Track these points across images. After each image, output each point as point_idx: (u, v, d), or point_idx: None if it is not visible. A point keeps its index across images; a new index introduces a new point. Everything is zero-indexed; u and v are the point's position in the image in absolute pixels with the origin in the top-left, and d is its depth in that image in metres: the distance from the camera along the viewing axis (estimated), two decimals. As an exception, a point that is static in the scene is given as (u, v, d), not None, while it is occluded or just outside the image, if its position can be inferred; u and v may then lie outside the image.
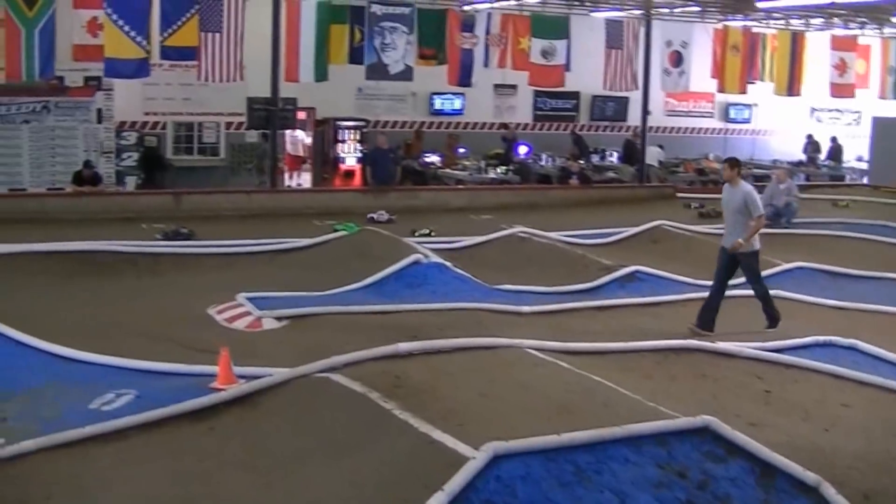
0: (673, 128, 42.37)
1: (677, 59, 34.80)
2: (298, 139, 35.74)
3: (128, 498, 9.34)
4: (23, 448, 10.12)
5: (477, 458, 8.37)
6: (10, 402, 11.97)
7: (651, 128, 36.20)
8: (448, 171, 35.16)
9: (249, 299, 16.67)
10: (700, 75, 35.82)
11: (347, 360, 11.51)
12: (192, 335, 14.90)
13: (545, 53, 32.22)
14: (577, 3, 33.40)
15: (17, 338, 13.90)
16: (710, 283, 16.72)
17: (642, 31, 33.80)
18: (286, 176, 35.42)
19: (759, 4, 33.07)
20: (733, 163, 17.20)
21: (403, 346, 11.99)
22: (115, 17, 26.66)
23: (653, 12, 34.22)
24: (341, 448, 9.56)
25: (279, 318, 15.95)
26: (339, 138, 35.68)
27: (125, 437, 10.52)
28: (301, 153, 35.88)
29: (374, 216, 25.67)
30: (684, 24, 35.03)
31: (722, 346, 13.97)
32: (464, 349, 12.16)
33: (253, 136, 33.56)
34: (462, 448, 8.65)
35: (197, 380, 12.24)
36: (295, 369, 11.50)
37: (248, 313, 16.18)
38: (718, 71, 35.29)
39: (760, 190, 20.39)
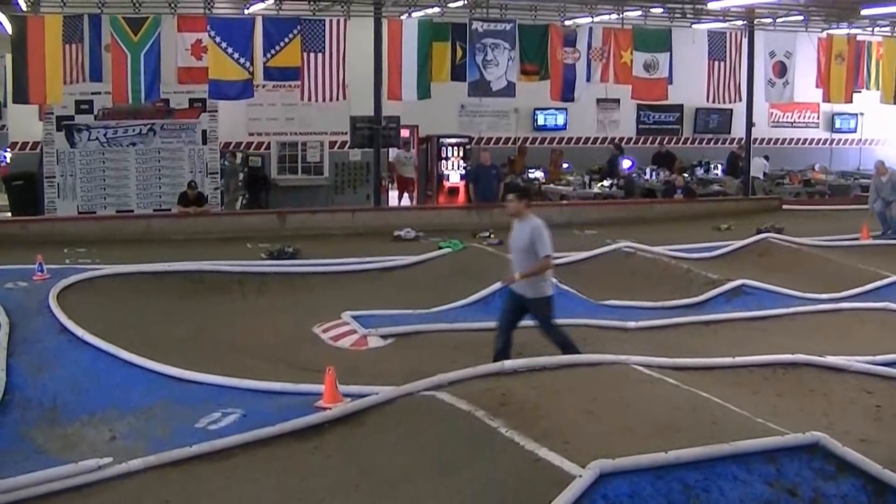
0: (778, 139, 41.89)
1: (781, 70, 34.39)
2: (411, 160, 35.49)
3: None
4: (132, 467, 10.29)
5: (583, 476, 8.32)
6: (120, 421, 12.17)
7: (755, 139, 35.82)
8: (552, 186, 35.10)
9: (355, 318, 16.73)
10: (805, 85, 35.32)
11: (453, 378, 11.52)
12: (298, 354, 15.01)
13: (647, 67, 32.02)
14: (678, 15, 33.18)
15: (127, 358, 14.11)
16: (818, 296, 16.47)
17: (745, 41, 33.49)
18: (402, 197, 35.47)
19: (864, 12, 32.63)
20: (521, 193, 15.02)
21: (509, 364, 11.98)
22: (218, 39, 27.01)
23: (756, 22, 33.91)
24: (447, 467, 9.55)
25: (384, 337, 16.02)
26: (443, 155, 35.74)
27: (231, 456, 10.65)
28: (413, 175, 35.50)
29: (402, 233, 25.45)
30: (788, 33, 34.58)
31: (831, 360, 13.76)
32: (569, 366, 12.12)
33: (357, 155, 33.69)
34: (568, 466, 8.61)
35: (303, 398, 12.32)
36: (400, 388, 11.52)
37: (353, 332, 16.24)
38: (823, 80, 34.80)
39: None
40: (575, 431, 9.62)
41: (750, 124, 34.54)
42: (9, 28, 27.80)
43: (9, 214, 31.27)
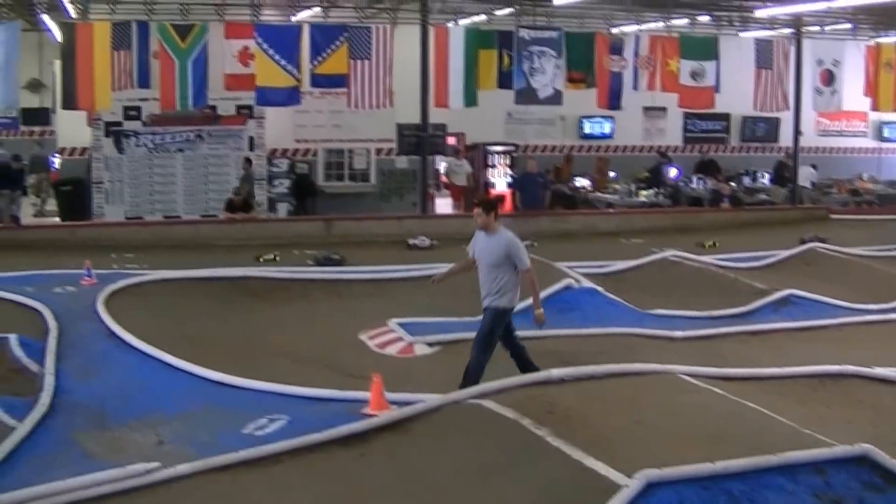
0: (825, 148, 41.66)
1: (829, 78, 34.21)
2: (463, 168, 35.38)
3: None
4: (178, 471, 10.32)
5: (630, 485, 8.32)
6: (167, 425, 12.22)
7: (803, 148, 35.58)
8: (598, 194, 35.04)
9: (401, 325, 16.77)
10: (852, 94, 35.09)
11: (499, 386, 11.52)
12: (344, 361, 15.04)
13: (694, 75, 31.92)
14: (725, 23, 33.14)
15: (174, 363, 14.19)
16: (866, 306, 16.33)
17: (792, 50, 33.32)
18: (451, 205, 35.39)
19: (914, 20, 32.51)
20: (488, 206, 14.18)
21: (555, 372, 11.96)
22: (265, 46, 27.12)
23: (803, 31, 33.78)
24: (492, 475, 9.55)
25: (431, 344, 16.03)
26: (489, 163, 35.74)
27: (277, 463, 10.65)
28: (465, 183, 35.23)
29: (416, 241, 25.37)
30: (835, 41, 34.45)
31: (879, 371, 13.67)
32: (616, 375, 12.10)
33: (403, 163, 33.75)
34: (615, 475, 8.60)
35: (349, 405, 12.32)
36: (446, 395, 11.54)
37: (399, 339, 16.28)
38: (871, 89, 34.56)
39: None
40: (621, 441, 9.61)
41: (797, 133, 34.38)
42: (58, 35, 28.04)
43: (57, 219, 31.50)
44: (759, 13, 31.91)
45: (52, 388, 13.27)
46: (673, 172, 36.17)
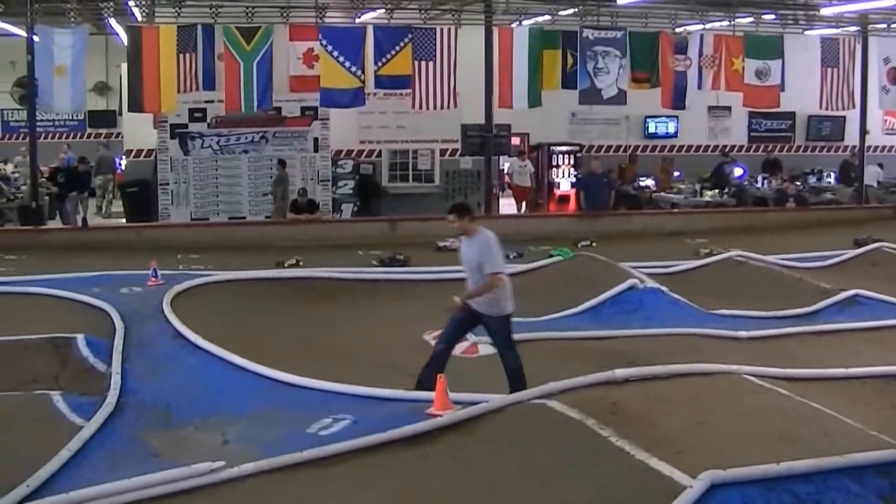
0: (892, 147, 41.25)
1: (895, 76, 33.96)
2: (527, 169, 35.20)
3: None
4: (243, 471, 10.40)
5: (694, 486, 8.28)
6: (233, 425, 12.32)
7: (869, 147, 35.30)
8: (662, 194, 34.91)
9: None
10: (920, 92, 34.83)
11: (563, 386, 11.49)
12: (408, 361, 15.01)
13: (759, 74, 31.75)
14: (790, 21, 32.89)
15: (239, 363, 14.27)
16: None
17: (859, 48, 33.07)
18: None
19: (983, 17, 32.16)
20: (461, 211, 13.68)
21: (620, 373, 11.92)
22: (330, 48, 27.25)
23: (869, 28, 33.47)
24: (556, 475, 9.54)
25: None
26: (553, 163, 35.68)
27: (342, 462, 10.68)
28: (529, 184, 35.09)
29: (447, 244, 25.18)
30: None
31: (947, 373, 13.55)
32: (680, 375, 12.05)
33: (468, 163, 33.76)
34: (679, 476, 8.56)
35: (413, 405, 12.32)
36: (510, 395, 11.55)
37: (464, 339, 16.25)
38: (939, 87, 34.31)
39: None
40: (685, 441, 9.56)
41: (863, 132, 34.11)
42: (125, 38, 28.29)
43: (124, 221, 31.75)
44: (825, 11, 31.61)
45: (119, 387, 13.40)
46: (738, 172, 35.92)
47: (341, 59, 27.29)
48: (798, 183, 35.14)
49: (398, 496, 9.88)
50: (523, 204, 34.97)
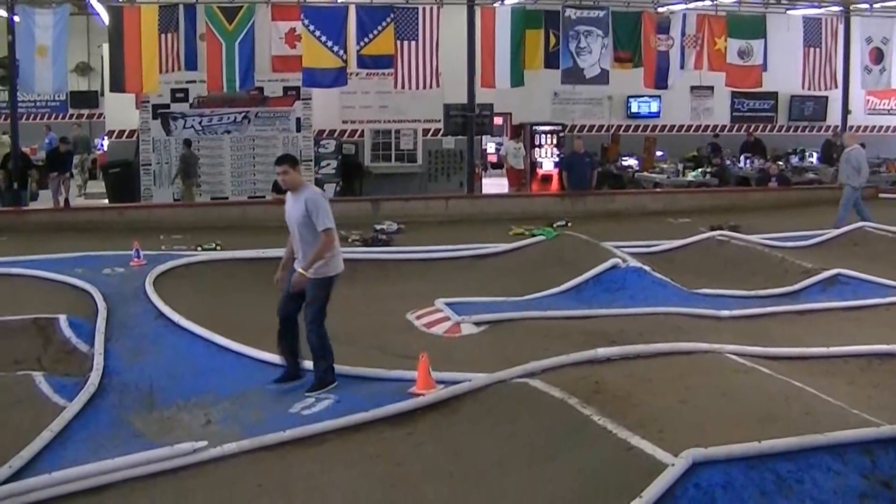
0: (874, 126, 41.40)
1: (878, 56, 34.03)
2: (521, 151, 35.24)
3: (331, 501, 9.50)
4: (226, 451, 10.44)
5: (676, 465, 8.30)
6: (215, 405, 12.31)
7: (851, 127, 35.34)
8: (645, 174, 34.97)
9: (448, 305, 16.75)
10: (902, 72, 34.89)
11: (546, 365, 11.56)
12: (391, 340, 15.06)
13: (742, 54, 31.82)
14: (773, 1, 32.93)
15: (222, 343, 14.27)
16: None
17: (841, 27, 33.12)
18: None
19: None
20: (292, 161, 13.27)
21: (602, 352, 11.98)
22: (312, 28, 27.25)
23: (852, 8, 33.52)
24: (539, 454, 9.57)
25: (478, 324, 15.98)
26: (536, 143, 35.66)
27: (325, 442, 10.76)
28: (523, 166, 35.20)
29: (384, 227, 25.25)
30: (885, 19, 34.19)
31: (929, 351, 13.59)
32: (663, 355, 12.10)
33: (450, 143, 33.75)
34: (661, 455, 8.59)
35: (396, 385, 12.33)
36: (493, 375, 11.56)
37: (446, 318, 16.25)
38: (921, 66, 34.36)
39: None
40: (668, 420, 9.59)
41: (846, 111, 34.27)
42: (106, 18, 28.21)
43: (106, 201, 31.69)
44: (808, -10, 31.75)
45: (102, 368, 13.38)
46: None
47: (323, 38, 27.29)
48: (780, 163, 35.17)
49: (383, 475, 9.91)
50: (516, 188, 34.84)
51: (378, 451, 10.48)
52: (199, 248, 22.11)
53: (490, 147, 39.90)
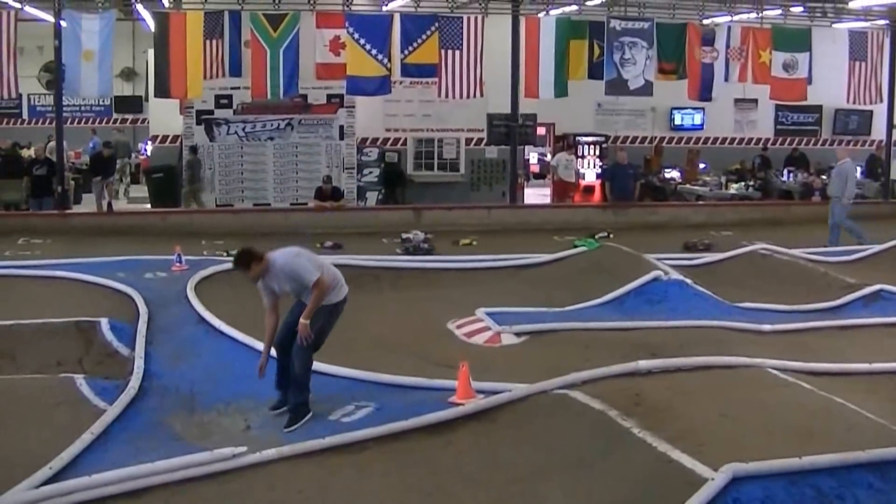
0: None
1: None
2: (573, 163, 34.93)
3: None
4: (265, 456, 10.45)
5: (716, 479, 8.29)
6: (255, 411, 12.34)
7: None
8: (688, 186, 34.85)
9: (489, 314, 16.73)
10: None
11: (586, 376, 11.53)
12: (431, 349, 15.05)
13: (787, 66, 31.64)
14: (819, 14, 32.74)
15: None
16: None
17: (887, 41, 32.91)
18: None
19: None
20: (244, 262, 12.45)
21: (643, 364, 11.94)
22: (356, 36, 27.26)
23: (900, 24, 33.34)
24: (578, 465, 9.56)
25: (518, 334, 15.97)
26: (579, 154, 35.57)
27: (364, 450, 10.76)
28: (574, 179, 34.76)
29: (410, 236, 25.06)
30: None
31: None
32: (704, 368, 12.05)
33: (493, 153, 33.75)
34: (700, 469, 8.58)
35: (436, 394, 12.33)
36: (533, 385, 11.54)
37: (487, 328, 16.23)
38: (968, 81, 34.08)
39: None
40: (708, 434, 9.56)
41: (891, 126, 33.98)
42: (152, 24, 28.35)
43: (149, 206, 31.82)
44: (853, 4, 31.52)
45: (142, 371, 13.42)
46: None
47: (368, 46, 27.29)
48: (824, 177, 34.98)
49: (421, 483, 9.92)
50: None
51: (417, 459, 10.48)
52: (226, 255, 22.01)
53: (533, 157, 39.83)
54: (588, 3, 31.42)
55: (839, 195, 25.51)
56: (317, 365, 13.16)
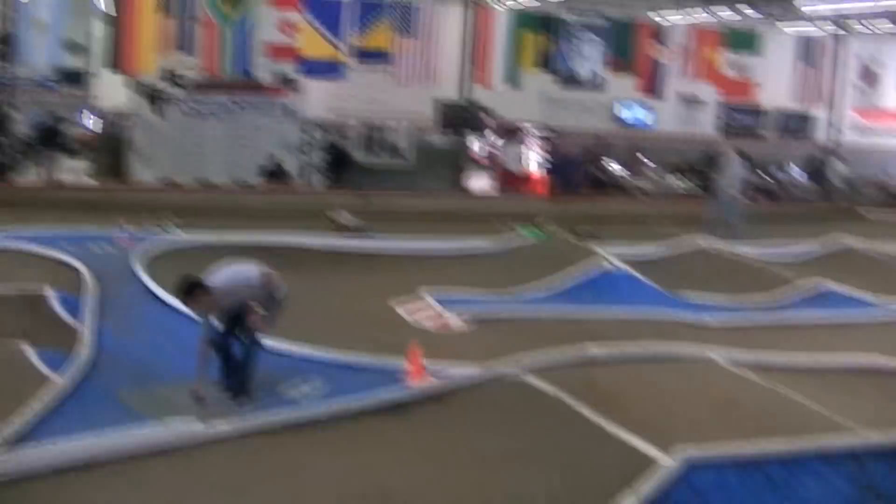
0: (861, 145, 41.45)
1: (869, 76, 34.25)
2: (523, 155, 34.91)
3: (324, 486, 9.53)
4: (220, 433, 10.39)
5: (672, 465, 8.37)
6: (209, 387, 12.27)
7: (838, 144, 35.49)
8: (633, 181, 35.01)
9: (437, 300, 16.77)
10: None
11: (540, 361, 11.58)
12: (382, 333, 15.06)
13: (736, 67, 31.93)
14: (769, 17, 33.07)
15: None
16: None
17: (835, 47, 33.27)
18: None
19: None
20: (187, 293, 12.33)
21: (595, 350, 12.03)
22: (310, 18, 27.24)
23: (846, 29, 33.69)
24: (533, 449, 9.62)
25: (465, 319, 16.01)
26: (526, 146, 35.60)
27: (317, 427, 10.75)
28: (521, 169, 34.73)
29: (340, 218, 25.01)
30: (879, 40, 34.37)
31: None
32: (655, 358, 12.16)
33: (440, 140, 33.74)
34: (656, 454, 8.66)
35: (388, 375, 12.37)
36: (487, 369, 11.59)
37: (436, 313, 16.27)
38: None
39: None
40: (662, 422, 9.67)
41: (834, 129, 34.34)
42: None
43: (92, 180, 31.61)
44: (803, 8, 31.81)
45: (92, 342, 13.34)
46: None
47: (322, 29, 27.30)
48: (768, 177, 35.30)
49: (374, 462, 9.93)
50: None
51: (369, 439, 10.50)
52: (165, 229, 21.86)
53: (479, 147, 39.93)
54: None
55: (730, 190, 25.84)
56: (268, 343, 13.15)
